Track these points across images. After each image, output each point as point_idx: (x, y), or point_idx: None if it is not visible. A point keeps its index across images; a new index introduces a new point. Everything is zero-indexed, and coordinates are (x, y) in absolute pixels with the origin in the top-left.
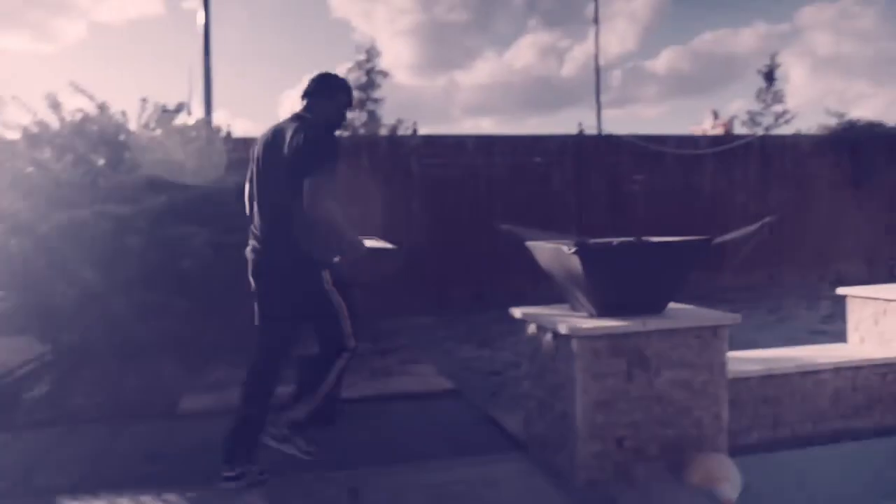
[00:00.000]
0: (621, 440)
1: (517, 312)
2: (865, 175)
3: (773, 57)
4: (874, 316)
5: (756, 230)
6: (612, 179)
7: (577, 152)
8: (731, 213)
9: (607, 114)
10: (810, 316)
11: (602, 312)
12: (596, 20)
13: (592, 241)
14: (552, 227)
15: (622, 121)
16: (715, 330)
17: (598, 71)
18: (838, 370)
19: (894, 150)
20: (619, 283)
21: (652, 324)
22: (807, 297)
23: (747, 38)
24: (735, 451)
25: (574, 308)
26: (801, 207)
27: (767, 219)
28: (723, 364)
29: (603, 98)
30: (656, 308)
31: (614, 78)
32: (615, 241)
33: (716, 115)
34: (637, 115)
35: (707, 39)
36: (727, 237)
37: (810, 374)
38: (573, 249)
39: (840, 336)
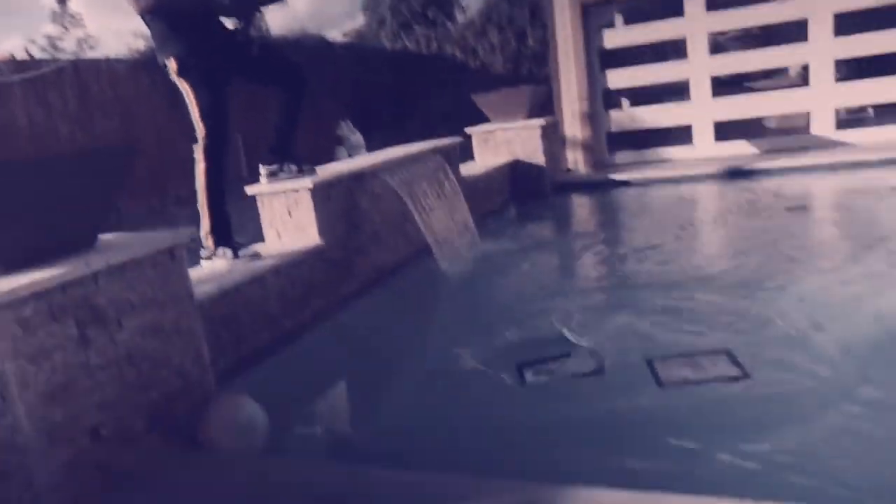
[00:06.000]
0: (96, 430)
1: None
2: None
3: None
4: (286, 208)
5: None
6: None
7: None
8: (57, 145)
9: None
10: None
11: (9, 266)
12: None
13: None
14: None
15: None
16: (172, 253)
17: None
18: (278, 271)
19: None
20: (17, 219)
21: (97, 261)
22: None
23: None
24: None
25: None
26: (128, 132)
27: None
28: (190, 292)
29: None
30: (85, 241)
31: None
32: None
33: None
34: None
35: None
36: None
37: (257, 281)
38: None
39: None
